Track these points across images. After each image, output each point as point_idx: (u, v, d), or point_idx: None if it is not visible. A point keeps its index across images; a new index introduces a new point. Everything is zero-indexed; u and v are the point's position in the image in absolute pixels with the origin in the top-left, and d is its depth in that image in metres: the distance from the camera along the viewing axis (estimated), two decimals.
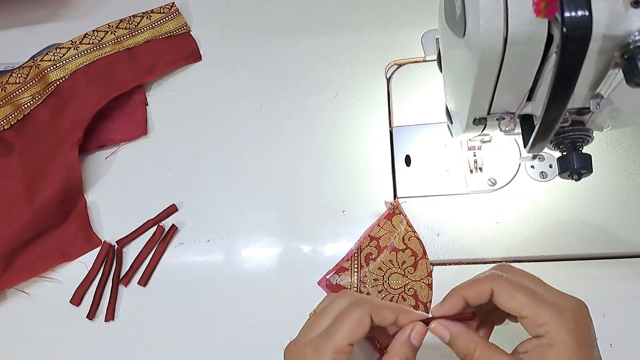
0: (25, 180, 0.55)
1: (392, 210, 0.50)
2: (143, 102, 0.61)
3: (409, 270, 0.47)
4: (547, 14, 0.24)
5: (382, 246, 0.49)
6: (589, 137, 0.35)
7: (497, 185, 0.50)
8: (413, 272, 0.47)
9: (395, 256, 0.48)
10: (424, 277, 0.47)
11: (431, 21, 0.58)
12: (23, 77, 0.61)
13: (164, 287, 0.52)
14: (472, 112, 0.36)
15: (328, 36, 0.61)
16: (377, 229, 0.50)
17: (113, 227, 0.55)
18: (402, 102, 0.56)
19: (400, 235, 0.49)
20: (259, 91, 0.60)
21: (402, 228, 0.49)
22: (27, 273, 0.53)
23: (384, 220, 0.50)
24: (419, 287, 0.47)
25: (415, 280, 0.47)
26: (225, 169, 0.56)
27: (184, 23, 0.64)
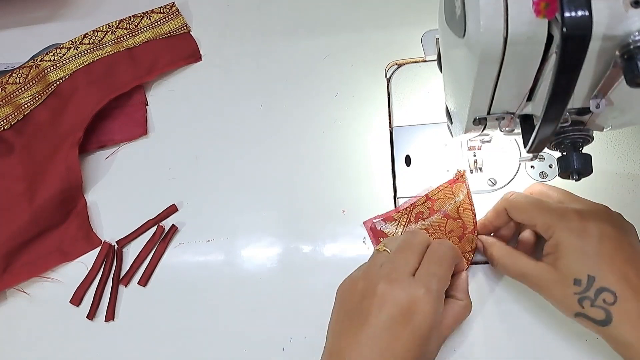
0: (25, 180, 0.55)
1: (457, 178, 0.49)
2: (143, 102, 0.61)
3: (453, 241, 0.47)
4: (547, 14, 0.24)
5: (435, 209, 0.49)
6: (589, 137, 0.35)
7: (497, 185, 0.50)
8: (457, 242, 0.47)
9: (446, 222, 0.48)
10: (466, 251, 0.47)
11: (431, 21, 0.58)
12: (23, 77, 0.61)
13: (164, 287, 0.52)
14: (472, 112, 0.36)
15: (328, 36, 0.61)
16: (435, 191, 0.50)
17: (113, 227, 0.55)
18: (402, 102, 0.56)
19: (457, 205, 0.48)
20: (259, 91, 0.60)
21: (461, 198, 0.48)
22: (27, 273, 0.53)
23: (445, 185, 0.50)
24: None
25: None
26: (225, 169, 0.56)
27: (184, 23, 0.64)
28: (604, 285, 0.36)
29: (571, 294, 0.37)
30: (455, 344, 0.45)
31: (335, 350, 0.38)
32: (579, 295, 0.37)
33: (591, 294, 0.36)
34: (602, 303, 0.36)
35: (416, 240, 0.41)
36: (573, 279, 0.37)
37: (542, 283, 0.39)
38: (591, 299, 0.36)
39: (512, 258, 0.42)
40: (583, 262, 0.37)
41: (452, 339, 0.45)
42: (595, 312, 0.36)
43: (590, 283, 0.36)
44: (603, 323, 0.36)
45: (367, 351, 0.36)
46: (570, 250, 0.38)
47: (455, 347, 0.45)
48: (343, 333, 0.38)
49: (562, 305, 0.39)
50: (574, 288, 0.37)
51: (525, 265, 0.41)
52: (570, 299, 0.37)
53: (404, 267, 0.39)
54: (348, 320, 0.38)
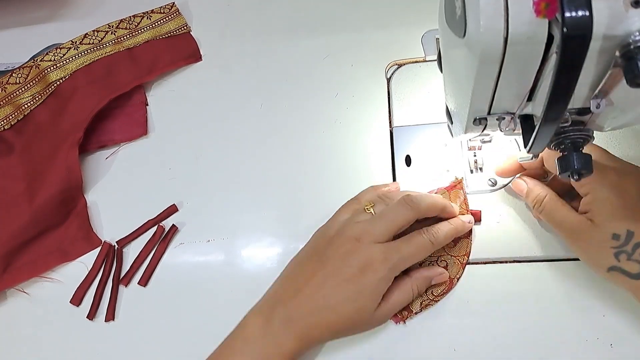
0: (25, 180, 0.55)
1: (455, 185, 0.50)
2: (143, 102, 0.61)
3: (448, 245, 0.48)
4: (548, 14, 0.24)
5: None
6: (590, 137, 0.35)
7: (497, 185, 0.50)
8: (452, 246, 0.48)
9: None
10: (460, 255, 0.47)
11: (431, 21, 0.58)
12: (23, 77, 0.61)
13: (164, 287, 0.52)
14: (472, 112, 0.36)
15: (328, 36, 0.61)
16: (439, 192, 0.50)
17: (113, 227, 0.55)
18: (402, 102, 0.56)
19: (458, 208, 0.49)
20: (259, 91, 0.60)
21: (458, 203, 0.49)
22: (27, 273, 0.53)
23: (442, 190, 0.50)
24: (452, 262, 0.47)
25: (451, 255, 0.48)
26: (225, 169, 0.56)
27: (184, 23, 0.64)
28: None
29: (608, 248, 0.38)
30: (455, 344, 0.45)
31: (291, 275, 0.45)
32: (616, 250, 0.38)
33: (629, 248, 0.37)
34: (638, 257, 0.37)
35: (399, 218, 0.43)
36: (612, 233, 0.38)
37: (580, 236, 0.40)
38: (628, 253, 0.37)
39: (557, 204, 0.42)
40: (622, 217, 0.38)
41: (452, 339, 0.45)
42: (630, 265, 0.37)
43: (628, 238, 0.37)
44: (637, 276, 0.37)
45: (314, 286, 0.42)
46: (609, 205, 0.38)
47: (455, 347, 0.45)
48: (303, 265, 0.45)
49: (596, 259, 0.40)
50: (611, 242, 0.38)
51: (567, 214, 0.41)
52: (607, 253, 0.38)
53: (376, 236, 0.42)
54: (310, 258, 0.44)
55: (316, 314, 0.41)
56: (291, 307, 0.42)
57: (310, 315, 0.41)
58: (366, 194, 0.49)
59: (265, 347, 0.41)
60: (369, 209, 0.45)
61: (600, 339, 0.43)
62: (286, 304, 0.42)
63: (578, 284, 0.45)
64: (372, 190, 0.49)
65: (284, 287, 0.44)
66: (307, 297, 0.42)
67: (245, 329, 0.43)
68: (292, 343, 0.41)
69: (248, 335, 0.42)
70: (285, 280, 0.45)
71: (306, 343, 0.42)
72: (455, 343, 0.45)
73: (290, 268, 0.46)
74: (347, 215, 0.46)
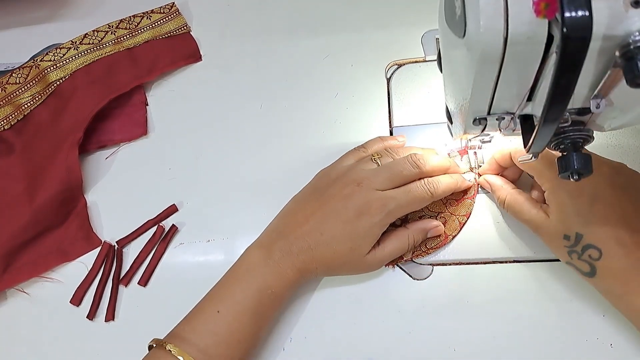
0: (25, 180, 0.55)
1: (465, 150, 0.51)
2: (143, 102, 0.61)
3: (450, 203, 0.49)
4: (547, 14, 0.24)
5: None
6: (590, 137, 0.35)
7: None
8: (454, 204, 0.49)
9: None
10: (460, 215, 0.48)
11: (431, 21, 0.58)
12: (23, 77, 0.61)
13: (164, 287, 0.52)
14: (472, 112, 0.36)
15: (328, 36, 0.61)
16: None
17: (113, 227, 0.55)
18: (402, 102, 0.56)
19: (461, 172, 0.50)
20: (259, 91, 0.60)
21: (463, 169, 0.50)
22: (27, 273, 0.53)
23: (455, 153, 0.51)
24: (451, 220, 0.48)
25: (451, 213, 0.49)
26: (225, 169, 0.56)
27: (184, 23, 0.64)
28: (590, 243, 0.38)
29: (562, 246, 0.40)
30: (455, 344, 0.45)
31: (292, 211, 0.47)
32: (568, 249, 0.40)
33: (578, 249, 0.39)
34: (587, 258, 0.39)
35: (404, 173, 0.45)
36: (562, 234, 0.40)
37: (540, 230, 0.42)
38: (578, 253, 0.39)
39: (518, 201, 0.44)
40: (572, 220, 0.39)
41: (452, 339, 0.45)
42: (581, 264, 0.40)
43: (577, 240, 0.39)
44: (588, 275, 0.40)
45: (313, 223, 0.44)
46: (562, 207, 0.40)
47: (455, 347, 0.45)
48: (304, 202, 0.47)
49: (556, 253, 0.42)
50: (563, 242, 0.40)
51: (528, 210, 0.43)
52: (561, 250, 0.41)
53: (377, 184, 0.44)
54: (311, 197, 0.47)
55: (314, 248, 0.44)
56: (291, 239, 0.44)
57: (309, 249, 0.44)
58: (374, 144, 0.50)
59: (267, 275, 0.43)
60: (376, 159, 0.47)
61: (600, 339, 0.43)
62: (287, 237, 0.44)
63: (578, 284, 0.45)
64: (379, 141, 0.50)
65: (285, 221, 0.46)
66: (306, 232, 0.44)
67: (247, 259, 0.45)
68: (292, 273, 0.44)
69: (250, 265, 0.44)
70: (286, 216, 0.47)
71: (304, 275, 0.45)
72: (455, 343, 0.45)
73: (291, 205, 0.48)
74: (352, 160, 0.48)
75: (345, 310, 0.48)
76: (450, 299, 0.47)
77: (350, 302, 0.48)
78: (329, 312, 0.48)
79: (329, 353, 0.46)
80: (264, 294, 0.43)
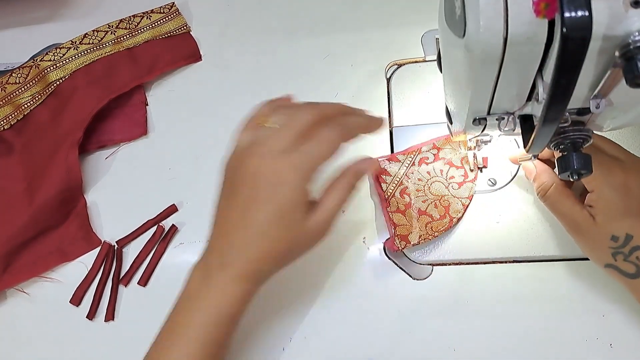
0: (25, 180, 0.55)
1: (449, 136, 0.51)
2: (143, 102, 0.61)
3: (453, 186, 0.49)
4: (547, 14, 0.24)
5: (440, 156, 0.51)
6: (589, 137, 0.35)
7: (497, 185, 0.50)
8: (456, 188, 0.49)
9: (448, 169, 0.50)
10: (464, 197, 0.49)
11: (431, 21, 0.58)
12: (23, 77, 0.61)
13: (164, 287, 0.52)
14: (471, 112, 0.36)
15: (328, 36, 0.61)
16: (443, 141, 0.51)
17: (113, 227, 0.55)
18: (402, 102, 0.56)
19: (461, 155, 0.51)
20: (259, 91, 0.60)
21: (464, 151, 0.51)
22: (27, 273, 0.53)
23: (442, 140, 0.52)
24: (454, 202, 0.49)
25: (454, 196, 0.49)
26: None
27: (184, 23, 0.64)
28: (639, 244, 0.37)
29: (606, 247, 0.38)
30: (455, 344, 0.45)
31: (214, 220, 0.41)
32: (614, 250, 0.38)
33: (626, 250, 0.38)
34: (635, 260, 0.37)
35: (302, 122, 0.38)
36: (611, 235, 0.38)
37: (581, 230, 0.40)
38: (625, 255, 0.38)
39: (562, 195, 0.41)
40: (623, 221, 0.38)
41: (452, 339, 0.45)
42: (626, 265, 0.38)
43: (627, 241, 0.37)
44: (633, 276, 0.38)
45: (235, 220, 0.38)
46: (612, 206, 0.38)
47: (455, 347, 0.45)
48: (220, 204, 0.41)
49: (594, 254, 0.40)
50: (610, 243, 0.38)
51: (571, 207, 0.40)
52: (604, 251, 0.38)
53: (278, 146, 0.37)
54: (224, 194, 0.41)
55: (248, 247, 0.38)
56: (222, 250, 0.39)
57: (243, 251, 0.38)
58: (260, 109, 0.43)
59: (210, 299, 0.38)
60: (267, 123, 0.40)
61: (600, 339, 0.43)
62: (217, 249, 0.39)
63: (578, 284, 0.45)
64: (267, 104, 0.43)
65: (212, 234, 0.41)
66: (232, 234, 0.38)
67: (187, 287, 0.40)
68: (235, 286, 0.38)
69: (190, 292, 0.40)
70: (212, 227, 0.41)
71: (252, 282, 0.39)
72: (455, 343, 0.45)
73: (214, 214, 0.42)
74: (246, 137, 0.41)
75: (345, 310, 0.48)
76: (450, 299, 0.47)
77: (350, 302, 0.48)
78: (329, 312, 0.48)
79: (328, 353, 0.46)
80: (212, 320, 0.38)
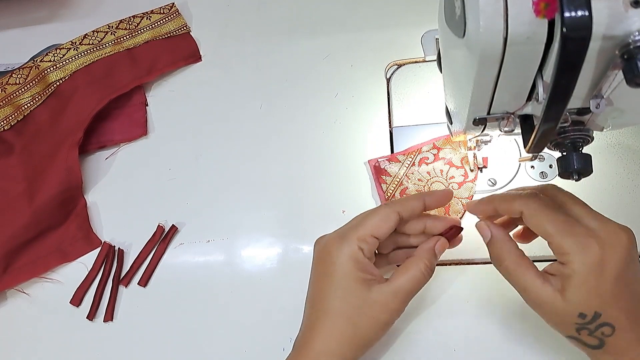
0: (25, 181, 0.55)
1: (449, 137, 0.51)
2: (143, 103, 0.61)
3: (453, 186, 0.49)
4: (547, 14, 0.24)
5: (440, 156, 0.51)
6: (589, 137, 0.35)
7: (497, 185, 0.50)
8: (456, 188, 0.49)
9: (448, 169, 0.50)
10: (463, 197, 0.49)
11: (431, 21, 0.58)
12: (23, 77, 0.61)
13: (164, 288, 0.52)
14: (471, 112, 0.36)
15: (328, 36, 0.61)
16: (443, 141, 0.51)
17: (113, 228, 0.55)
18: (402, 102, 0.56)
19: (461, 155, 0.51)
20: (259, 91, 0.60)
21: (464, 151, 0.51)
22: (27, 273, 0.53)
23: (442, 141, 0.52)
24: (454, 202, 0.49)
25: (454, 197, 0.49)
26: (225, 169, 0.56)
27: (184, 23, 0.64)
28: (607, 321, 0.35)
29: (571, 323, 0.36)
30: (455, 344, 0.45)
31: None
32: (579, 326, 0.36)
33: (592, 327, 0.36)
34: (600, 335, 0.36)
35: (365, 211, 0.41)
36: (579, 312, 0.35)
37: (544, 305, 0.37)
38: (590, 330, 0.36)
39: (521, 267, 0.38)
40: (593, 300, 0.35)
41: (452, 339, 0.45)
42: (590, 339, 0.36)
43: (595, 319, 0.35)
44: (595, 347, 0.36)
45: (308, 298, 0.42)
46: (584, 287, 0.35)
47: (455, 347, 0.45)
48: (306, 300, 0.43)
49: (557, 327, 0.38)
50: (576, 319, 0.36)
51: (532, 282, 0.37)
52: (568, 326, 0.36)
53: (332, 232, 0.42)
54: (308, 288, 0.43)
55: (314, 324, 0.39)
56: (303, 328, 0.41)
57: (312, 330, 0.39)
58: None
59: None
60: None
61: None
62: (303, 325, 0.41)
63: None
64: None
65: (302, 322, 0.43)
66: (306, 311, 0.41)
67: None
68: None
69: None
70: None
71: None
72: (455, 343, 0.45)
73: None
74: None
75: None
76: (450, 299, 0.47)
77: None
78: None
79: None
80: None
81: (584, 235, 0.35)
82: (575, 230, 0.36)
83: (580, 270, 0.35)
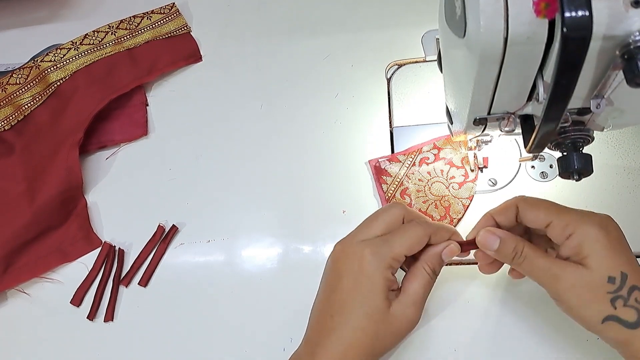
0: (26, 181, 0.55)
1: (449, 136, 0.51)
2: (143, 103, 0.61)
3: (453, 186, 0.50)
4: (547, 14, 0.24)
5: (440, 156, 0.51)
6: (590, 137, 0.35)
7: (497, 185, 0.50)
8: (457, 188, 0.49)
9: (448, 169, 0.50)
10: (464, 197, 0.49)
11: (431, 21, 0.58)
12: (23, 77, 0.61)
13: (165, 288, 0.52)
14: (472, 112, 0.36)
15: (328, 36, 0.61)
16: (443, 141, 0.52)
17: (113, 228, 0.55)
18: (402, 102, 0.56)
19: (462, 155, 0.51)
20: (259, 91, 0.60)
21: (465, 151, 0.51)
22: (28, 274, 0.53)
23: (443, 140, 0.52)
24: (455, 203, 0.49)
25: (455, 197, 0.49)
26: (225, 169, 0.56)
27: (184, 23, 0.64)
28: (635, 284, 0.34)
29: (603, 294, 0.35)
30: (455, 344, 0.45)
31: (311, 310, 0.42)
32: (613, 295, 0.35)
33: (624, 292, 0.34)
34: (634, 303, 0.34)
35: (386, 212, 0.41)
36: (607, 276, 0.35)
37: (570, 284, 0.36)
38: (624, 298, 0.34)
39: (537, 252, 0.37)
40: (614, 259, 0.35)
41: (452, 339, 0.45)
42: (627, 312, 0.34)
43: (623, 281, 0.35)
44: (633, 325, 0.34)
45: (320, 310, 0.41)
46: (601, 244, 0.35)
47: (455, 347, 0.45)
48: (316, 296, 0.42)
49: (589, 309, 0.36)
50: (607, 287, 0.35)
51: (553, 262, 0.36)
52: (602, 300, 0.35)
53: (362, 233, 0.40)
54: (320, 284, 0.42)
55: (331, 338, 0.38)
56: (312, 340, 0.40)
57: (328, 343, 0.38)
58: None
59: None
60: None
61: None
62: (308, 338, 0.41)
63: None
64: None
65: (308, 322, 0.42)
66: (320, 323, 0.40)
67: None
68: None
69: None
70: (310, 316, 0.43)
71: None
72: (455, 343, 0.45)
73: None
74: None
75: None
76: (450, 299, 0.47)
77: None
78: None
79: None
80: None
81: (580, 211, 0.38)
82: (570, 209, 0.38)
83: (591, 231, 0.36)
